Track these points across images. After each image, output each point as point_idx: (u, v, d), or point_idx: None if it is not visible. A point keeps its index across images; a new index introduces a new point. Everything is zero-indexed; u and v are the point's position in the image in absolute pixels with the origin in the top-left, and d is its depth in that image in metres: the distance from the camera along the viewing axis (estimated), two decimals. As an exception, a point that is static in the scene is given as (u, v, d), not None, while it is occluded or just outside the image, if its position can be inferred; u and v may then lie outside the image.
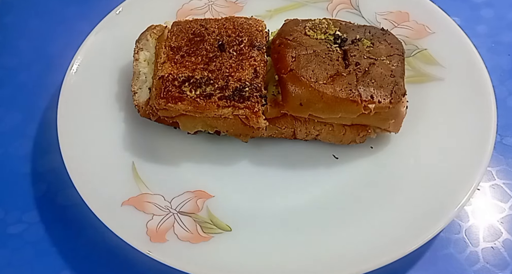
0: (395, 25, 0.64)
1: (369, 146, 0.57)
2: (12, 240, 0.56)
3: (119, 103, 0.60)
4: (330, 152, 0.57)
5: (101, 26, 0.65)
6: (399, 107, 0.52)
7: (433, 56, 0.61)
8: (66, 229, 0.57)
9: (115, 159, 0.56)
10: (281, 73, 0.53)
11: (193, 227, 0.51)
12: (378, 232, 0.50)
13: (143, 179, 0.55)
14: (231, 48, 0.55)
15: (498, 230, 0.54)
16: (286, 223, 0.52)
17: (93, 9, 0.70)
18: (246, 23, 0.58)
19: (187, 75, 0.54)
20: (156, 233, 0.50)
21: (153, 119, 0.57)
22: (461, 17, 0.70)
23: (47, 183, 0.60)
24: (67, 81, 0.60)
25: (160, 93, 0.53)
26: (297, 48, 0.54)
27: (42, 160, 0.62)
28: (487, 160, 0.52)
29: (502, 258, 0.53)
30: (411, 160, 0.55)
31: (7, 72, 0.70)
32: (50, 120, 0.60)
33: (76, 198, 0.52)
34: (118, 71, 0.63)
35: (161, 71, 0.54)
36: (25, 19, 0.75)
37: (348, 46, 0.55)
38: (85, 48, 0.63)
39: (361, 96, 0.51)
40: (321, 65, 0.53)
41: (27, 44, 0.73)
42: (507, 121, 0.61)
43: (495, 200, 0.56)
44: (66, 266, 0.54)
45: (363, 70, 0.52)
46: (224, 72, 0.53)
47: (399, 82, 0.52)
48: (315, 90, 0.51)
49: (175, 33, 0.57)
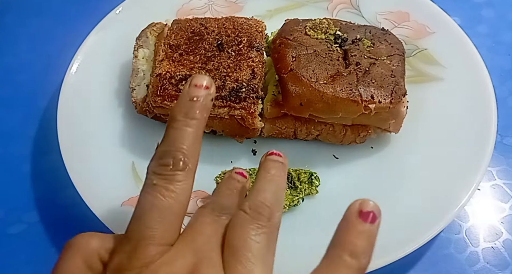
0: (396, 25, 0.64)
1: (369, 146, 0.57)
2: (12, 240, 0.56)
3: (119, 103, 0.60)
4: (330, 152, 0.57)
5: (101, 26, 0.64)
6: (399, 107, 0.52)
7: (433, 56, 0.61)
8: (66, 229, 0.57)
9: (115, 159, 0.56)
10: (282, 73, 0.53)
11: (193, 227, 0.51)
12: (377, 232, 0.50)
13: (143, 179, 0.55)
14: (230, 48, 0.55)
15: (498, 230, 0.54)
16: (285, 223, 0.52)
17: (93, 9, 0.70)
18: (246, 23, 0.58)
19: (185, 73, 0.54)
20: (156, 233, 0.50)
21: (149, 116, 0.57)
22: (461, 17, 0.70)
23: (47, 183, 0.60)
24: (67, 81, 0.60)
25: (156, 90, 0.53)
26: (298, 48, 0.54)
27: (42, 160, 0.62)
28: (488, 160, 0.52)
29: (502, 258, 0.53)
30: (411, 160, 0.55)
31: (7, 72, 0.70)
32: (50, 120, 0.60)
33: (76, 198, 0.52)
34: (119, 71, 0.62)
35: (158, 68, 0.54)
36: (25, 19, 0.75)
37: (348, 46, 0.55)
38: (85, 48, 0.63)
39: (361, 96, 0.51)
40: (322, 65, 0.53)
41: (27, 44, 0.72)
42: (507, 121, 0.61)
43: (496, 200, 0.56)
44: (66, 266, 0.54)
45: (363, 70, 0.52)
46: (221, 72, 0.54)
47: (399, 82, 0.52)
48: (316, 90, 0.51)
49: (175, 31, 0.57)
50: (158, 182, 0.34)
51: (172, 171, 0.34)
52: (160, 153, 0.35)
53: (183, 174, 0.34)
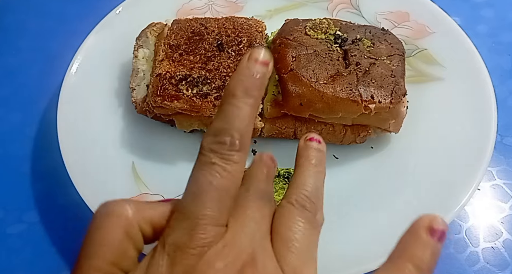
0: (395, 25, 0.64)
1: (369, 146, 0.57)
2: (12, 240, 0.56)
3: (120, 103, 0.60)
4: (330, 152, 0.57)
5: (101, 26, 0.64)
6: (399, 107, 0.52)
7: (433, 56, 0.61)
8: (66, 229, 0.57)
9: (115, 159, 0.56)
10: (282, 73, 0.53)
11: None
12: (378, 232, 0.50)
13: (143, 179, 0.55)
14: (230, 48, 0.55)
15: (498, 230, 0.54)
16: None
17: (93, 9, 0.70)
18: (246, 23, 0.58)
19: (185, 73, 0.54)
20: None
21: (149, 116, 0.57)
22: (462, 17, 0.70)
23: (47, 183, 0.60)
24: (67, 81, 0.60)
25: (156, 90, 0.53)
26: (298, 47, 0.54)
27: (42, 160, 0.62)
28: (488, 160, 0.52)
29: (502, 258, 0.53)
30: (411, 160, 0.55)
31: (7, 72, 0.70)
32: (50, 120, 0.60)
33: (76, 198, 0.52)
34: (119, 71, 0.62)
35: (158, 68, 0.54)
36: (25, 19, 0.75)
37: (348, 46, 0.55)
38: (85, 48, 0.63)
39: (361, 96, 0.51)
40: (322, 65, 0.52)
41: (27, 44, 0.72)
42: (508, 121, 0.61)
43: (496, 200, 0.56)
44: (66, 266, 0.54)
45: (363, 70, 0.52)
46: (221, 72, 0.54)
47: (399, 82, 0.52)
48: (316, 90, 0.51)
49: (175, 31, 0.57)
50: (216, 161, 0.32)
51: (229, 151, 0.32)
52: (216, 130, 0.33)
53: (239, 155, 0.32)
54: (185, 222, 0.31)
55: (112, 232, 0.31)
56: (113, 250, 0.31)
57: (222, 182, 0.31)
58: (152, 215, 0.32)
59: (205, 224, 0.31)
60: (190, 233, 0.30)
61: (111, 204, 0.32)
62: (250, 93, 0.33)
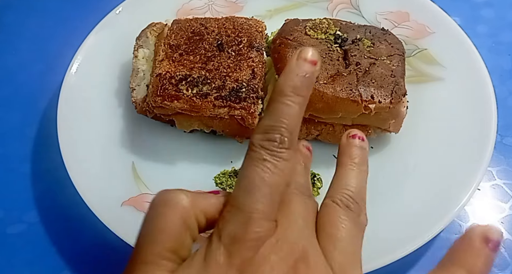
0: (395, 25, 0.64)
1: (369, 146, 0.57)
2: (12, 240, 0.56)
3: (119, 103, 0.60)
4: (330, 152, 0.57)
5: (101, 26, 0.64)
6: (399, 107, 0.52)
7: (434, 56, 0.61)
8: (66, 229, 0.57)
9: (115, 159, 0.56)
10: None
11: (193, 227, 0.51)
12: (377, 232, 0.50)
13: (143, 179, 0.55)
14: (230, 48, 0.55)
15: (498, 230, 0.54)
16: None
17: (93, 9, 0.70)
18: (246, 23, 0.58)
19: (185, 73, 0.54)
20: (156, 233, 0.50)
21: (149, 116, 0.57)
22: (461, 17, 0.70)
23: (47, 183, 0.60)
24: (67, 81, 0.60)
25: (156, 90, 0.53)
26: (298, 47, 0.54)
27: (42, 160, 0.62)
28: (488, 160, 0.52)
29: (502, 258, 0.53)
30: (411, 160, 0.55)
31: (7, 72, 0.70)
32: (50, 120, 0.60)
33: (76, 198, 0.52)
34: (119, 71, 0.62)
35: (158, 68, 0.54)
36: (25, 19, 0.75)
37: (348, 46, 0.55)
38: (85, 48, 0.63)
39: (361, 96, 0.51)
40: (322, 65, 0.52)
41: (27, 44, 0.72)
42: (507, 121, 0.61)
43: (496, 200, 0.56)
44: (66, 266, 0.54)
45: (363, 70, 0.52)
46: (221, 72, 0.53)
47: (399, 82, 0.52)
48: (316, 90, 0.51)
49: (175, 31, 0.57)
50: (268, 158, 0.32)
51: (280, 149, 0.32)
52: (265, 127, 0.33)
53: (289, 153, 0.33)
54: (239, 215, 0.31)
55: (171, 220, 0.32)
56: (172, 238, 0.31)
57: (274, 179, 0.32)
58: (206, 206, 0.33)
59: (259, 218, 0.31)
60: (245, 226, 0.31)
61: (168, 193, 0.33)
62: (299, 92, 0.33)
